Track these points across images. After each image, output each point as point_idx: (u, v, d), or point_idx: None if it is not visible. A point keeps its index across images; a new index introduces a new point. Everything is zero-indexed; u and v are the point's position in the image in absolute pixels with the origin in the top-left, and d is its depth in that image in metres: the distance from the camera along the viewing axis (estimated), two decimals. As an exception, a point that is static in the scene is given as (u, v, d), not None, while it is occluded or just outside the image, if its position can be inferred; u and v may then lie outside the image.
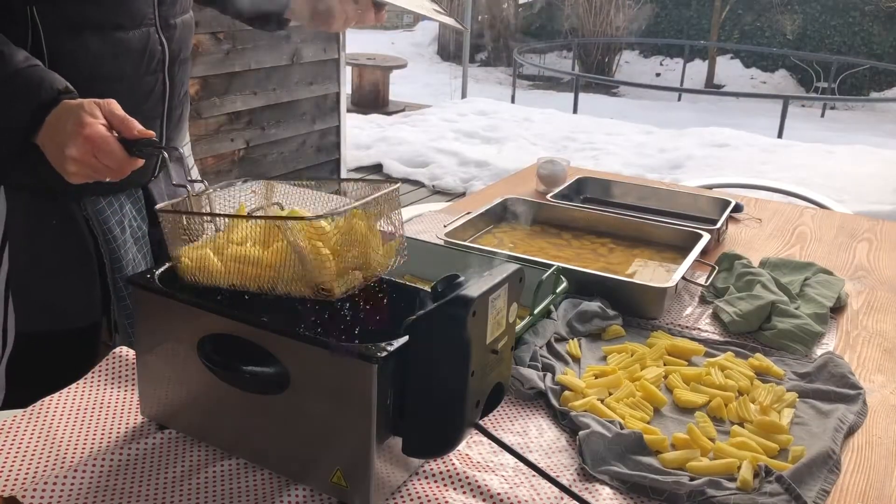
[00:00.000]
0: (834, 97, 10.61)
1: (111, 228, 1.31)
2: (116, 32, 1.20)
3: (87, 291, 1.32)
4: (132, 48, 1.22)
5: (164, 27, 1.28)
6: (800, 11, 11.88)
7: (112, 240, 1.32)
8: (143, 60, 1.24)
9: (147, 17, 1.24)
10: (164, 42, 1.28)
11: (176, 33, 1.31)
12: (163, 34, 1.28)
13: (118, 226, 1.33)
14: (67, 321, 1.31)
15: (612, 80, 11.37)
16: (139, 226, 1.38)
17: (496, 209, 1.77)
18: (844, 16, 11.62)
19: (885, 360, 1.31)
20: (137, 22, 1.22)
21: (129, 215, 1.35)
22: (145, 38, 1.24)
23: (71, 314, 1.31)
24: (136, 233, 1.37)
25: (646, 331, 1.34)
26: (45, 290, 1.29)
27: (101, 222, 1.30)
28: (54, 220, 1.27)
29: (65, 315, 1.31)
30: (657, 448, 1.00)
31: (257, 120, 4.07)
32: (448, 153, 6.01)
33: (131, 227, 1.36)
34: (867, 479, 0.99)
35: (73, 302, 1.31)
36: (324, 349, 0.82)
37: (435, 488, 0.91)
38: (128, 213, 1.35)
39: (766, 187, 3.14)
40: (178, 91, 1.35)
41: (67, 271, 1.30)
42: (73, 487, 0.88)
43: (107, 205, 1.31)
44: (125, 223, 1.35)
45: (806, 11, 11.85)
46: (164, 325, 0.95)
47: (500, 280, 0.84)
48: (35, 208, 1.26)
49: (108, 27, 1.19)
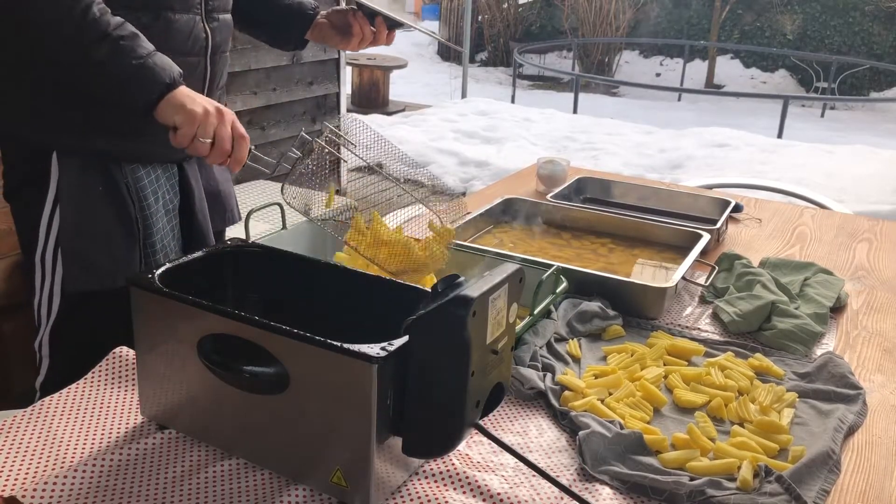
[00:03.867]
0: (834, 97, 10.61)
1: (146, 196, 1.39)
2: (166, 13, 1.30)
3: (129, 253, 1.38)
4: (180, 29, 1.33)
5: (208, 18, 1.39)
6: (800, 11, 11.88)
7: (146, 207, 1.39)
8: (188, 42, 1.35)
9: (195, 5, 1.35)
10: (208, 31, 1.39)
11: (218, 26, 1.42)
12: (207, 24, 1.38)
13: (153, 195, 1.40)
14: (112, 281, 1.36)
15: (612, 80, 11.37)
16: (171, 199, 1.45)
17: (496, 209, 1.77)
18: (844, 16, 11.61)
19: (885, 360, 1.31)
20: (187, 7, 1.34)
21: (163, 187, 1.43)
22: (191, 24, 1.35)
23: (115, 275, 1.36)
24: (168, 205, 1.44)
25: (646, 331, 1.34)
26: (92, 252, 1.35)
27: (138, 190, 1.37)
28: (100, 187, 1.34)
29: (110, 276, 1.36)
30: (657, 448, 1.00)
31: (257, 120, 4.06)
32: (448, 153, 6.00)
33: (164, 198, 1.43)
34: (867, 479, 0.99)
35: (116, 263, 1.37)
36: (324, 349, 0.82)
37: (435, 488, 0.91)
38: (163, 184, 1.43)
39: (766, 187, 3.14)
40: (217, 79, 1.46)
41: (112, 234, 1.36)
42: (73, 487, 0.88)
43: (145, 174, 1.39)
44: (159, 194, 1.42)
45: (806, 11, 11.84)
46: (164, 325, 0.95)
47: (500, 280, 0.84)
48: (84, 174, 1.33)
49: (161, 7, 1.30)
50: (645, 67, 12.60)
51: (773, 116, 7.98)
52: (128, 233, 1.37)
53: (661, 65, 12.67)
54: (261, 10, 1.61)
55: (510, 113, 7.62)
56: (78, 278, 1.35)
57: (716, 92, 10.61)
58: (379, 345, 0.81)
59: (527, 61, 11.00)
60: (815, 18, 11.81)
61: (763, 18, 12.09)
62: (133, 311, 0.97)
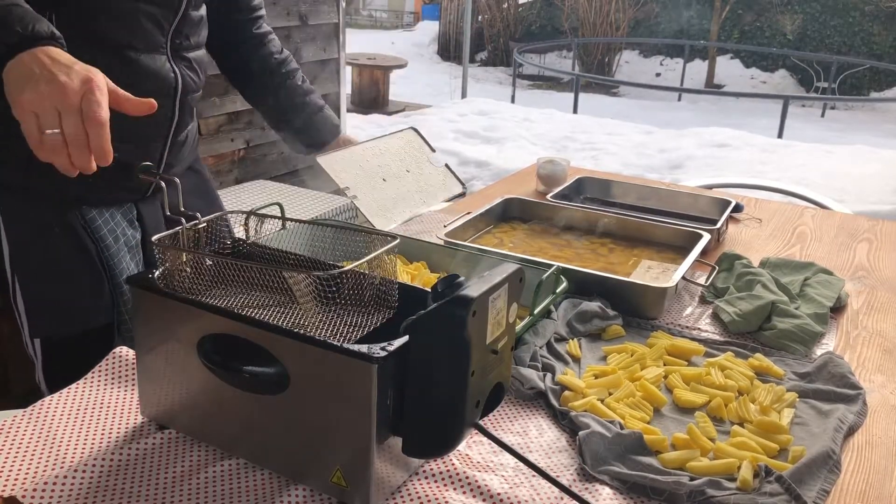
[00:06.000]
0: (834, 97, 10.61)
1: (104, 237, 1.34)
2: (127, 52, 1.22)
3: (97, 293, 1.34)
4: (143, 70, 1.24)
5: (175, 57, 1.31)
6: (800, 11, 11.88)
7: (106, 248, 1.35)
8: (154, 84, 1.27)
9: (160, 45, 1.27)
10: (176, 71, 1.31)
11: (188, 65, 1.35)
12: (174, 63, 1.31)
13: (111, 234, 1.36)
14: (83, 323, 1.33)
15: (612, 80, 11.37)
16: (132, 235, 1.41)
17: (496, 209, 1.77)
18: (844, 16, 11.62)
19: (885, 360, 1.31)
20: (150, 47, 1.25)
21: (121, 225, 1.38)
22: (157, 64, 1.27)
23: (85, 317, 1.34)
24: (130, 241, 1.40)
25: (646, 331, 1.34)
26: (58, 295, 1.31)
27: (93, 231, 1.33)
28: (56, 228, 1.29)
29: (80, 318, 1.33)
30: (657, 448, 1.00)
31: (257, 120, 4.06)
32: (448, 153, 6.00)
33: (125, 235, 1.39)
34: (867, 479, 0.99)
35: (85, 304, 1.34)
36: (324, 349, 0.82)
37: (435, 488, 0.91)
38: (119, 222, 1.38)
39: (766, 187, 3.14)
40: (185, 120, 1.39)
41: (76, 276, 1.32)
42: (73, 487, 0.88)
43: (97, 214, 1.34)
44: (118, 232, 1.37)
45: (806, 11, 11.85)
46: (164, 325, 0.95)
47: (500, 280, 0.84)
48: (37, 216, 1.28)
49: (122, 46, 1.21)
50: (645, 67, 12.61)
51: (773, 116, 7.98)
52: (93, 272, 1.32)
53: (661, 65, 12.68)
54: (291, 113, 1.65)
55: (510, 113, 7.62)
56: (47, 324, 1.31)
57: (716, 92, 10.61)
58: (379, 345, 0.80)
59: (527, 61, 11.00)
60: (815, 18, 11.81)
61: (763, 18, 12.09)
62: (133, 311, 0.97)
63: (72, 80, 0.86)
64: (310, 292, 0.85)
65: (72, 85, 0.86)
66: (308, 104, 1.65)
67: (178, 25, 1.30)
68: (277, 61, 1.64)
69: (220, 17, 1.48)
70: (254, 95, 1.68)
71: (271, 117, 1.70)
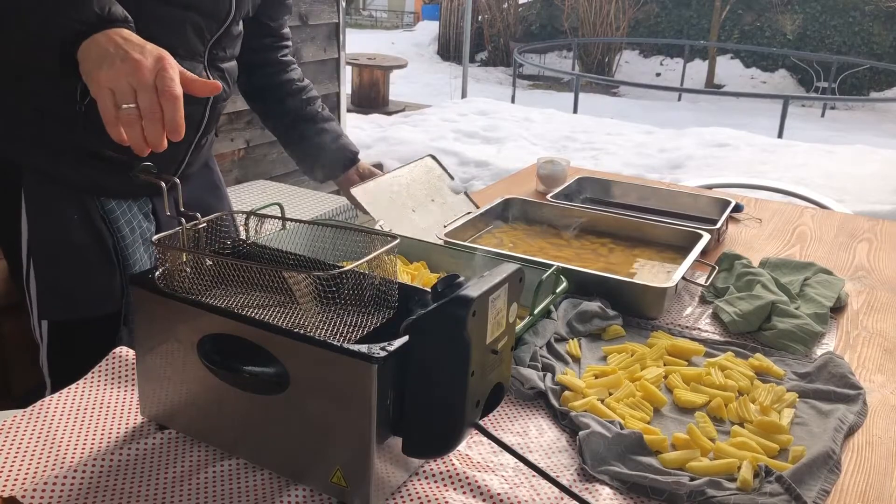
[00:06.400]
0: (834, 97, 10.62)
1: (121, 228, 1.38)
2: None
3: (109, 284, 1.38)
4: None
5: (211, 67, 1.36)
6: (800, 11, 11.88)
7: (121, 238, 1.38)
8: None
9: (198, 53, 1.32)
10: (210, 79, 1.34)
11: (221, 75, 1.40)
12: (209, 72, 1.36)
13: (127, 226, 1.39)
14: (92, 310, 1.36)
15: (612, 80, 11.37)
16: (147, 227, 1.44)
17: (496, 209, 1.77)
18: (844, 16, 11.62)
19: (885, 360, 1.31)
20: (190, 54, 1.30)
21: (137, 217, 1.42)
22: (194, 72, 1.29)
23: (94, 303, 1.37)
24: (145, 234, 1.44)
25: (646, 331, 1.34)
26: (70, 280, 1.35)
27: (111, 221, 1.37)
28: (76, 216, 1.33)
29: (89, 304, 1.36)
30: (657, 448, 1.00)
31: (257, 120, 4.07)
32: (448, 153, 6.00)
33: (140, 227, 1.43)
34: (867, 479, 0.99)
35: (95, 291, 1.37)
36: (324, 349, 0.82)
37: (435, 488, 0.91)
38: (136, 214, 1.42)
39: (766, 187, 3.14)
40: (211, 126, 1.45)
41: (90, 263, 1.35)
42: (73, 487, 0.88)
43: (116, 205, 1.38)
44: (134, 224, 1.41)
45: (806, 11, 11.85)
46: (164, 325, 0.95)
47: (500, 280, 0.84)
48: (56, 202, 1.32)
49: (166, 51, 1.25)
50: (645, 67, 12.61)
51: (773, 116, 7.98)
52: (107, 263, 1.36)
53: (661, 65, 12.68)
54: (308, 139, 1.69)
55: (510, 113, 7.61)
56: (57, 307, 1.34)
57: (716, 92, 10.61)
58: (379, 345, 0.80)
59: (527, 61, 11.01)
60: (815, 18, 11.82)
61: (763, 18, 12.09)
62: (133, 311, 0.97)
63: (146, 58, 0.90)
64: (310, 292, 0.85)
65: (146, 62, 0.90)
66: (327, 131, 1.70)
67: (219, 37, 1.36)
68: (298, 87, 1.71)
69: (251, 39, 1.54)
70: (273, 119, 1.73)
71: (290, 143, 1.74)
